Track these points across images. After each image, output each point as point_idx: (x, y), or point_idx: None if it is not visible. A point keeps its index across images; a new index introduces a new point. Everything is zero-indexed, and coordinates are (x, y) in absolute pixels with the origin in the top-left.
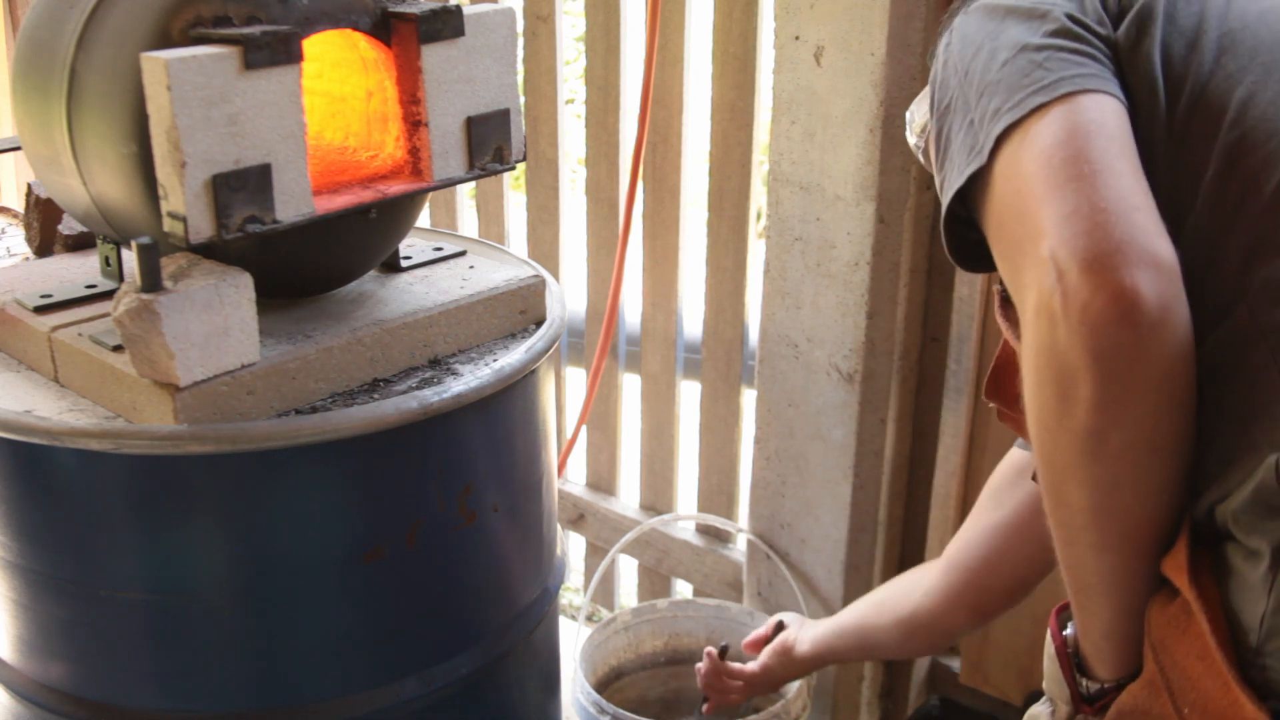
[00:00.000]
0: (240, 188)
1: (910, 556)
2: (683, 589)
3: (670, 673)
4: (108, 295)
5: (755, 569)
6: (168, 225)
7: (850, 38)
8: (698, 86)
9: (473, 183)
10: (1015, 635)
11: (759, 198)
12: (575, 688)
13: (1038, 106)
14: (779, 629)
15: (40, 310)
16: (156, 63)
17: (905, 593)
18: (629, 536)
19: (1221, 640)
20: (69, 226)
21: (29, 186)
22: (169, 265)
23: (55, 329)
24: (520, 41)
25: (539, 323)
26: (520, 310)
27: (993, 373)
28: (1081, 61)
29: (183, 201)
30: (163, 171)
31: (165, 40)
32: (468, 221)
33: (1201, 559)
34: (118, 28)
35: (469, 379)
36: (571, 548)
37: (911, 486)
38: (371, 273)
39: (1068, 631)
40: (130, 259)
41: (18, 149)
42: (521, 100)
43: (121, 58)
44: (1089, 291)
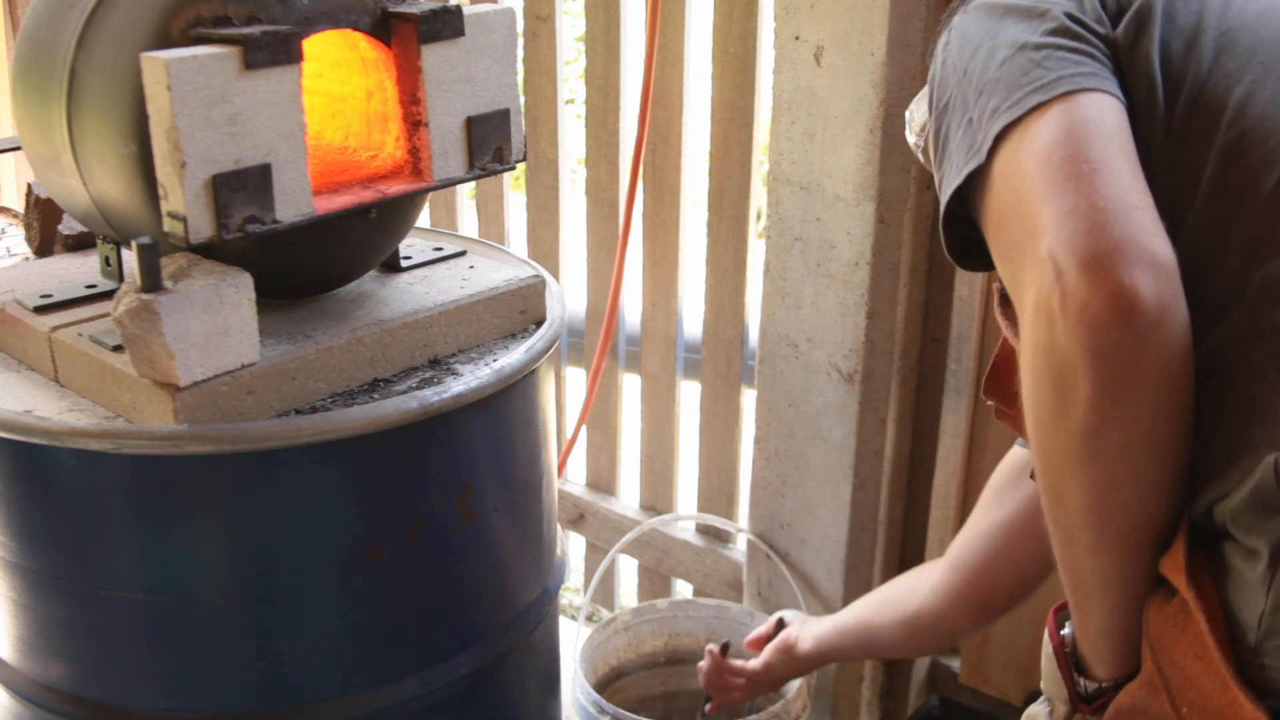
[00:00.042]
0: (240, 188)
1: (910, 556)
2: (683, 589)
3: (670, 673)
4: (108, 295)
5: (755, 569)
6: (168, 225)
7: (850, 38)
8: (698, 86)
9: (473, 183)
10: (1015, 635)
11: (759, 198)
12: (575, 688)
13: (1037, 105)
14: (780, 626)
15: (40, 310)
16: (156, 63)
17: (909, 592)
18: (629, 536)
19: (1220, 639)
20: (69, 226)
21: (29, 186)
22: (169, 265)
23: (55, 329)
24: (520, 41)
25: (539, 323)
26: (520, 310)
27: (991, 370)
28: (1080, 60)
29: (183, 201)
30: (163, 171)
31: (165, 40)
32: (468, 221)
33: (1200, 558)
34: (118, 28)
35: (469, 379)
36: (571, 548)
37: (911, 486)
38: (371, 273)
39: (1065, 631)
40: (130, 259)
41: (18, 149)
42: (521, 100)
43: (121, 58)
44: (1087, 290)
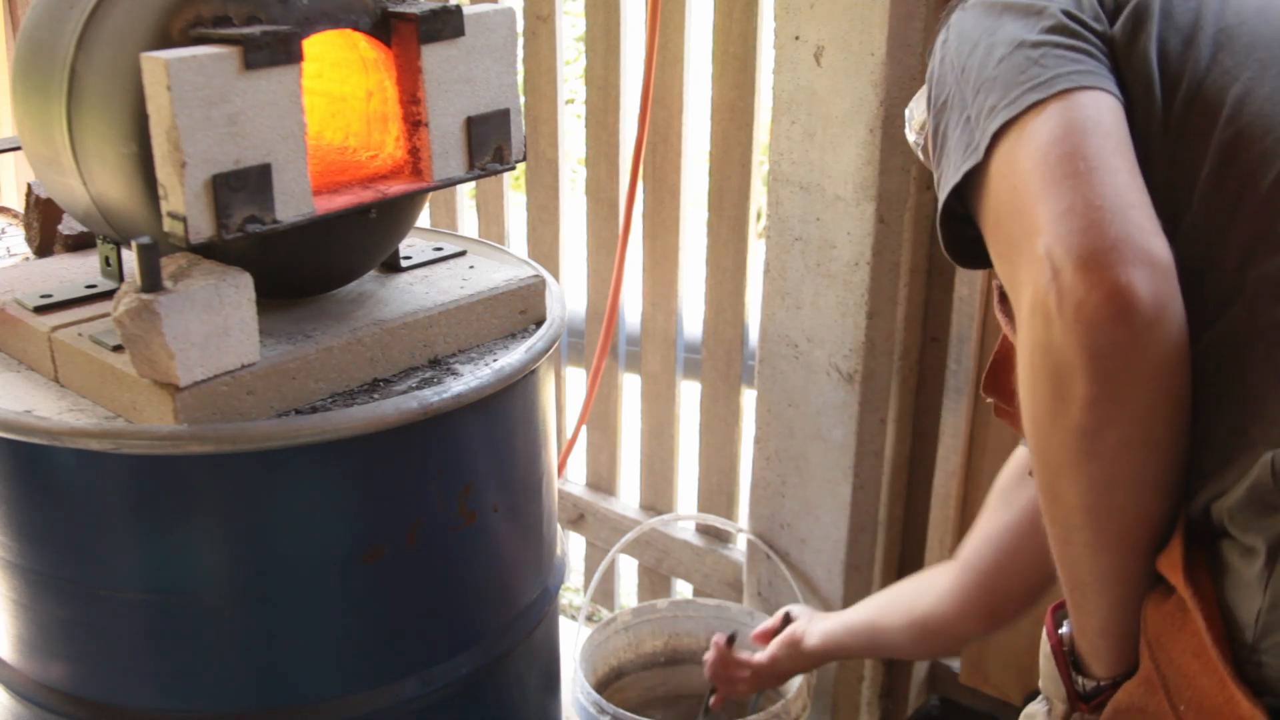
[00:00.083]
0: (240, 188)
1: (910, 556)
2: (683, 589)
3: (670, 673)
4: (108, 295)
5: (755, 569)
6: (168, 225)
7: (850, 38)
8: (698, 86)
9: (473, 183)
10: (1015, 635)
11: (759, 198)
12: (575, 688)
13: (1034, 103)
14: (787, 621)
15: (40, 310)
16: (156, 63)
17: (919, 594)
18: (629, 536)
19: (1217, 637)
20: (69, 226)
21: (29, 186)
22: (169, 265)
23: (55, 329)
24: (520, 41)
25: (539, 323)
26: (520, 310)
27: (991, 367)
28: (1078, 58)
29: (183, 201)
30: (163, 171)
31: (165, 40)
32: (468, 221)
33: (1197, 556)
34: (118, 28)
35: (469, 379)
36: (571, 548)
37: (911, 486)
38: (371, 273)
39: (1063, 630)
40: (130, 259)
41: (18, 149)
42: (521, 100)
43: (121, 58)
44: (1084, 289)
